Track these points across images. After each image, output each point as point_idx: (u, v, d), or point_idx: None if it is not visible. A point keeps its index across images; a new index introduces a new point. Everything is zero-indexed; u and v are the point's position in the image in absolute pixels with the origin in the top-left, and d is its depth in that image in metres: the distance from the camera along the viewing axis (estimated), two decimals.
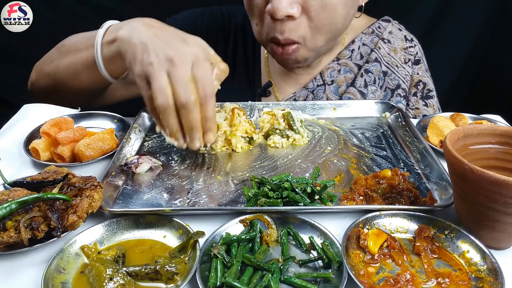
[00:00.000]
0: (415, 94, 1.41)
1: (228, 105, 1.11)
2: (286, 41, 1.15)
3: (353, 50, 1.41)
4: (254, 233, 0.75)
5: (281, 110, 1.13)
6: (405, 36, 1.45)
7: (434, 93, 1.43)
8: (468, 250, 0.71)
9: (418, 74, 1.42)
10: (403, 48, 1.43)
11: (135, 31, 0.91)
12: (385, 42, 1.41)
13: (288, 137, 1.09)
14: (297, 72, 1.41)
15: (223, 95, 1.19)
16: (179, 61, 0.84)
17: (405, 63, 1.41)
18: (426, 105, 1.40)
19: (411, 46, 1.44)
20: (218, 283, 0.64)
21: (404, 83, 1.40)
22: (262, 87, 1.41)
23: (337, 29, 1.20)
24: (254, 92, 1.45)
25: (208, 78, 0.87)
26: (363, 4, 1.28)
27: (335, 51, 1.41)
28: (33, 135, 1.05)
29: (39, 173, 0.85)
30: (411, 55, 1.43)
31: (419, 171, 0.97)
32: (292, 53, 1.19)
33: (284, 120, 1.11)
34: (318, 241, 0.74)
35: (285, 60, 1.23)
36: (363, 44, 1.42)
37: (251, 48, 1.47)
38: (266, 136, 1.11)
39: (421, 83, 1.42)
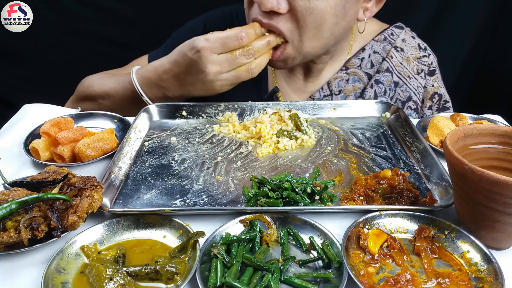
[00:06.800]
0: (430, 108, 1.38)
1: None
2: (269, 27, 1.12)
3: (363, 58, 1.37)
4: (254, 233, 0.75)
5: (287, 111, 1.13)
6: (418, 45, 1.41)
7: (450, 104, 1.39)
8: (468, 250, 0.71)
9: (433, 86, 1.38)
10: (416, 57, 1.38)
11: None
12: (397, 51, 1.37)
13: (296, 138, 1.09)
14: (299, 77, 1.37)
15: (228, 94, 1.20)
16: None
17: (418, 73, 1.37)
18: None
19: (425, 56, 1.39)
20: (218, 283, 0.64)
21: (416, 95, 1.36)
22: (269, 93, 1.38)
23: (324, 37, 1.16)
24: (260, 94, 1.42)
25: None
26: (365, 19, 1.23)
27: (340, 58, 1.37)
28: (33, 135, 1.05)
29: (39, 173, 0.85)
30: (425, 65, 1.38)
31: (419, 171, 0.97)
32: (280, 54, 1.16)
33: (291, 121, 1.11)
34: (318, 241, 0.74)
35: (273, 61, 1.20)
36: (374, 52, 1.37)
37: None
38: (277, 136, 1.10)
39: (436, 95, 1.38)
